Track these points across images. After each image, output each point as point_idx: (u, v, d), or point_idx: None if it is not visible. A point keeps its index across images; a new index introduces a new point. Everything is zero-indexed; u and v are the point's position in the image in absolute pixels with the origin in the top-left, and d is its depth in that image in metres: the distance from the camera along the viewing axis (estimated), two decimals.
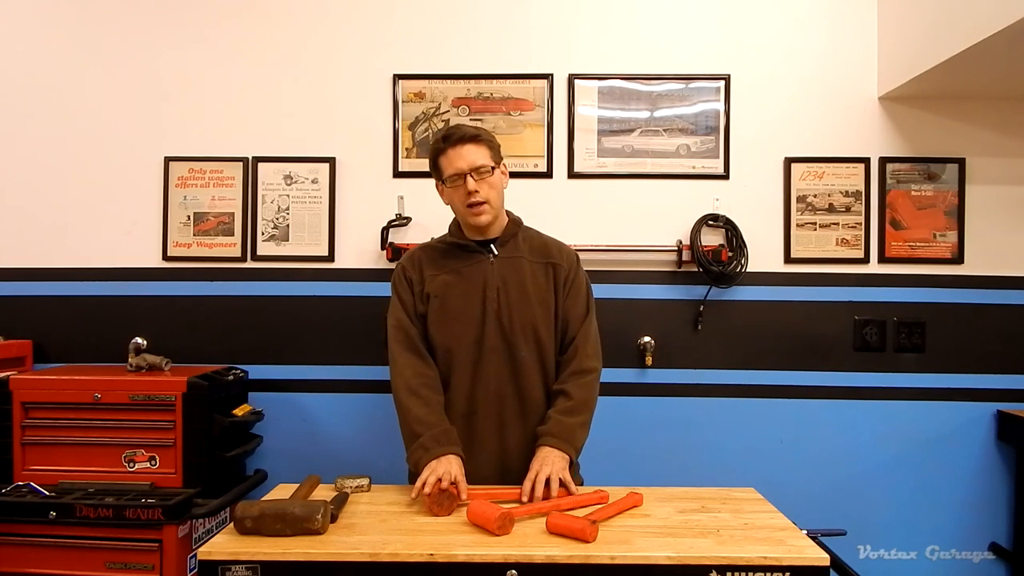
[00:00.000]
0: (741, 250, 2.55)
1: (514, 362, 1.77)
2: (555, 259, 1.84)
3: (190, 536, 2.19)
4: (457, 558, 1.31)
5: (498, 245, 1.81)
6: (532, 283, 1.79)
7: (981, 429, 2.59)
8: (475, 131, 1.75)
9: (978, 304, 2.59)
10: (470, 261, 1.80)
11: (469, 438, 1.76)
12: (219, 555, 1.32)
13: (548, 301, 1.80)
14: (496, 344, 1.76)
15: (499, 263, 1.80)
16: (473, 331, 1.76)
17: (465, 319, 1.76)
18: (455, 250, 1.83)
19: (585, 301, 1.85)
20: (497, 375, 1.76)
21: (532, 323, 1.77)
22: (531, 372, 1.78)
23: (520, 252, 1.82)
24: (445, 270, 1.80)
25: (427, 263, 1.83)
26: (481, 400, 1.77)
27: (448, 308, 1.77)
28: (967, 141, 2.59)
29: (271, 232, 2.63)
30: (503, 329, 1.76)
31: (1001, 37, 1.93)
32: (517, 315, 1.76)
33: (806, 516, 1.71)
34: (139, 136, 2.63)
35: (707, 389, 2.60)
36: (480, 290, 1.77)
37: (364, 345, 2.60)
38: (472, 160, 1.72)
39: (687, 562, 1.31)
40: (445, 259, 1.82)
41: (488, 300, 1.76)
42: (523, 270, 1.80)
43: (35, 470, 2.22)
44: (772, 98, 2.60)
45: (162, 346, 2.50)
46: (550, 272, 1.82)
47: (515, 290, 1.78)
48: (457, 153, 1.73)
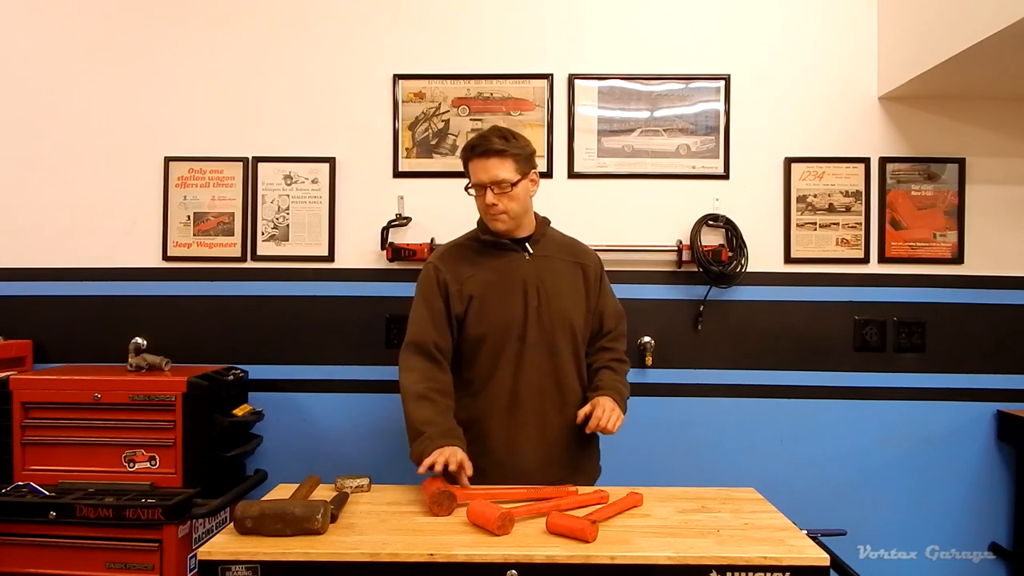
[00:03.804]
0: (741, 250, 2.55)
1: (554, 356, 1.84)
2: (583, 259, 1.94)
3: (190, 536, 2.19)
4: (457, 558, 1.31)
5: (531, 243, 1.89)
6: (566, 280, 1.89)
7: (981, 429, 2.59)
8: (502, 145, 1.77)
9: (978, 304, 2.59)
10: (507, 259, 1.86)
11: (512, 431, 1.83)
12: (219, 555, 1.32)
13: (580, 299, 1.90)
14: (537, 339, 1.83)
15: (534, 261, 1.87)
16: (516, 328, 1.82)
17: (507, 316, 1.82)
18: (490, 248, 1.87)
19: (615, 301, 2.00)
20: (538, 370, 1.83)
21: (569, 318, 1.86)
22: (568, 365, 1.86)
23: (551, 251, 1.91)
24: (482, 268, 1.85)
25: (463, 263, 1.86)
26: (524, 395, 1.82)
27: (490, 306, 1.83)
28: (967, 141, 2.59)
29: (271, 232, 2.63)
30: (543, 325, 1.83)
31: (1001, 37, 1.93)
32: (556, 311, 1.84)
33: (806, 516, 1.71)
34: (139, 136, 2.63)
35: (707, 389, 2.60)
36: (520, 288, 1.83)
37: (364, 345, 2.60)
38: (494, 174, 1.77)
39: (687, 562, 1.31)
40: (480, 257, 1.87)
41: (529, 297, 1.83)
42: (557, 269, 1.89)
43: (35, 470, 2.22)
44: (772, 98, 2.60)
45: (162, 346, 2.50)
46: (579, 271, 1.91)
47: (552, 287, 1.85)
48: (481, 165, 1.78)
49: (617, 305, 2.00)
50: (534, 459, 1.82)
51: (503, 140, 1.78)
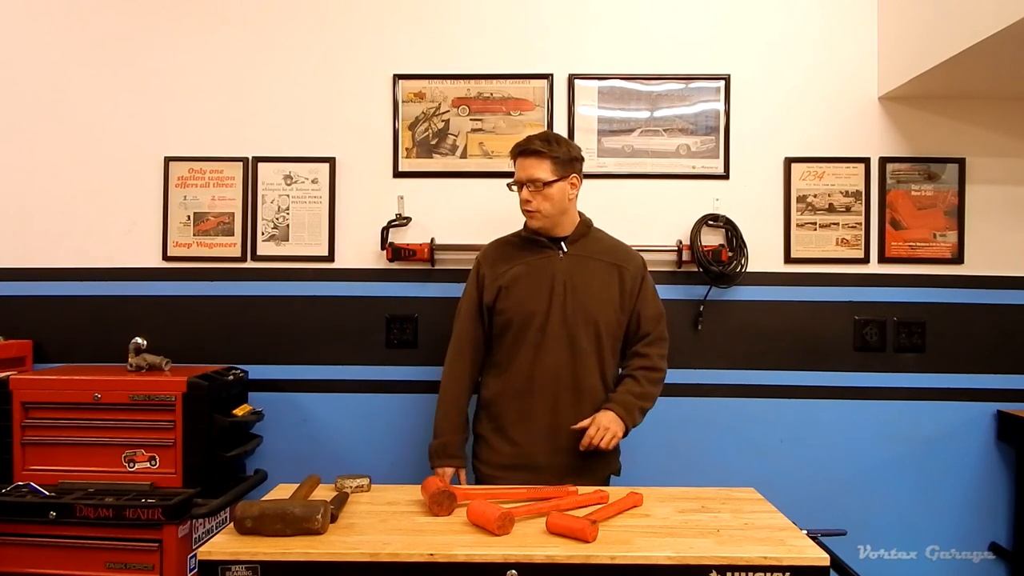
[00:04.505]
0: (741, 250, 2.55)
1: (574, 350, 1.94)
2: (622, 261, 2.03)
3: (190, 536, 2.19)
4: (457, 558, 1.31)
5: (568, 243, 2.00)
6: (597, 280, 1.98)
7: (981, 429, 2.59)
8: (541, 147, 1.92)
9: (978, 304, 2.59)
10: (541, 255, 1.99)
11: (524, 413, 1.96)
12: (219, 555, 1.32)
13: (612, 299, 1.98)
14: (558, 332, 1.93)
15: (567, 259, 1.98)
16: (539, 318, 1.94)
17: (532, 306, 1.95)
18: (528, 244, 2.02)
19: (657, 304, 2.07)
20: (556, 360, 1.94)
21: (594, 317, 1.95)
22: (589, 362, 1.95)
23: (588, 251, 2.01)
24: (517, 262, 2.00)
25: (500, 259, 2.03)
26: (539, 381, 1.94)
27: (516, 295, 1.97)
28: (967, 141, 2.59)
29: (271, 232, 2.63)
30: (566, 319, 1.94)
31: (1001, 37, 1.93)
32: (580, 308, 1.94)
33: (806, 516, 1.71)
34: (139, 136, 2.63)
35: (707, 389, 2.60)
36: (548, 282, 1.96)
37: (364, 345, 2.60)
38: (530, 173, 1.92)
39: (687, 562, 1.31)
40: (518, 252, 2.02)
41: (555, 292, 1.94)
42: (590, 268, 1.99)
43: (35, 470, 2.22)
44: (772, 98, 2.60)
45: (162, 346, 2.49)
46: (615, 272, 2.00)
47: (580, 285, 1.96)
48: (521, 164, 1.95)
49: (659, 308, 2.06)
50: (544, 446, 1.94)
51: (544, 143, 1.93)
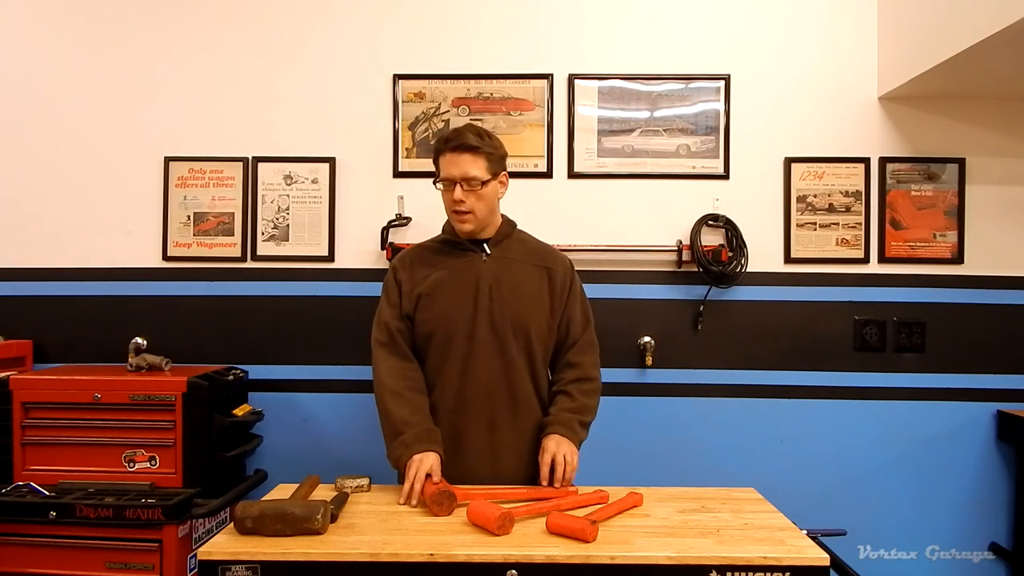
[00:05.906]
0: (741, 250, 2.55)
1: (505, 358, 1.78)
2: (550, 263, 1.87)
3: (190, 536, 2.19)
4: (457, 558, 1.31)
5: (491, 245, 1.84)
6: (525, 283, 1.82)
7: (981, 429, 2.59)
8: (476, 142, 1.74)
9: (978, 304, 2.59)
10: (463, 259, 1.82)
11: (457, 435, 1.77)
12: (219, 555, 1.32)
13: (541, 303, 1.82)
14: (487, 339, 1.77)
15: (492, 262, 1.82)
16: (465, 325, 1.77)
17: (456, 314, 1.78)
18: (448, 248, 1.85)
19: (585, 308, 1.90)
20: (488, 371, 1.77)
21: (523, 321, 1.79)
22: (521, 369, 1.80)
23: (513, 254, 1.85)
24: (437, 268, 1.82)
25: (419, 264, 1.85)
26: (471, 397, 1.77)
27: (440, 303, 1.79)
28: (967, 141, 2.59)
29: (271, 232, 2.63)
30: (494, 325, 1.77)
31: (1001, 37, 1.93)
32: (509, 312, 1.78)
33: (806, 516, 1.71)
34: (139, 136, 2.63)
35: (707, 389, 2.60)
36: (473, 286, 1.79)
37: (364, 345, 2.55)
38: (465, 171, 1.73)
39: (687, 562, 1.31)
40: (438, 257, 1.85)
41: (480, 296, 1.78)
42: (517, 271, 1.83)
43: (35, 470, 2.22)
44: (772, 98, 2.60)
45: (162, 346, 2.50)
46: (544, 275, 1.84)
47: (508, 288, 1.79)
48: (453, 160, 1.74)
49: (588, 312, 1.90)
50: (484, 468, 1.77)
51: (478, 137, 1.75)
